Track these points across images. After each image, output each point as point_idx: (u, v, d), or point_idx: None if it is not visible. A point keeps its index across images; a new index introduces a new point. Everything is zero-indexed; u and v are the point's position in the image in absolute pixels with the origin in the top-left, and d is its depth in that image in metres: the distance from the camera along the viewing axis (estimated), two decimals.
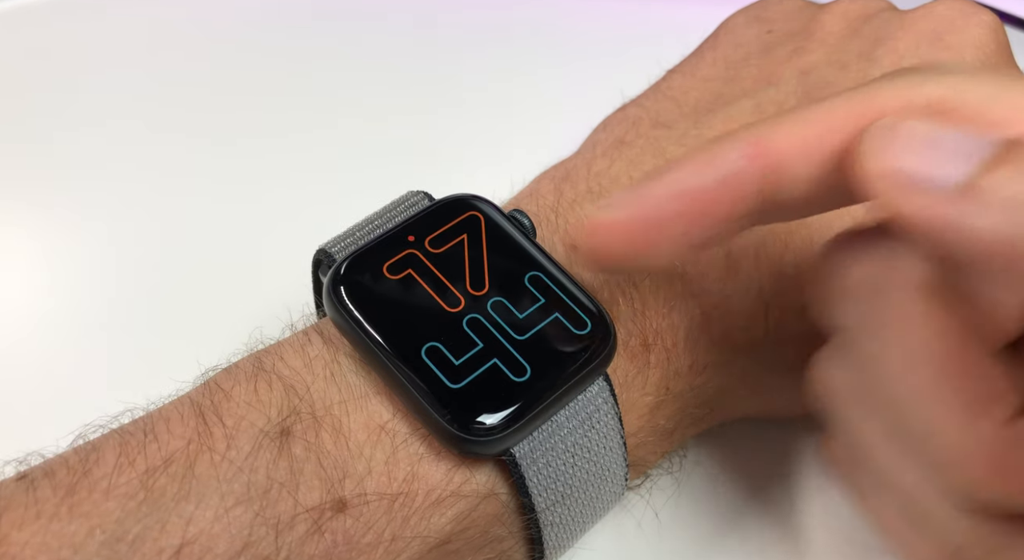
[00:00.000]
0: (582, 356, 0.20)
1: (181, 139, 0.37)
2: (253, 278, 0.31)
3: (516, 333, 0.20)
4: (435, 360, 0.20)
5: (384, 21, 0.43)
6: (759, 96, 0.27)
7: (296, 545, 0.17)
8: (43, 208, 0.34)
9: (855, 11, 0.29)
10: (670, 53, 0.31)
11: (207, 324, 0.30)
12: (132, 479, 0.17)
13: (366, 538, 0.18)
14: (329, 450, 0.19)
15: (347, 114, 0.38)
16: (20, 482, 0.17)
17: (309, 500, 0.18)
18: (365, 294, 0.20)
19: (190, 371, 0.21)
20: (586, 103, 0.30)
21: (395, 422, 0.19)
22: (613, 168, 0.25)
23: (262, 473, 0.18)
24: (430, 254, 0.21)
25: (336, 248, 0.22)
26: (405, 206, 0.23)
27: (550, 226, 0.24)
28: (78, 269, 0.32)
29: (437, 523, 0.19)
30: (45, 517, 0.17)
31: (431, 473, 0.19)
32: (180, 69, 0.40)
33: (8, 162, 0.35)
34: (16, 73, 0.38)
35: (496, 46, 0.42)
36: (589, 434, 0.20)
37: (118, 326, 0.31)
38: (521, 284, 0.21)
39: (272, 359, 0.20)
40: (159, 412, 0.19)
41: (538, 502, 0.20)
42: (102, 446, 0.18)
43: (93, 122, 0.37)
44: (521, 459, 0.19)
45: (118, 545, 0.16)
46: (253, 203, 0.35)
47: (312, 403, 0.19)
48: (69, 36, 0.40)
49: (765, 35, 0.29)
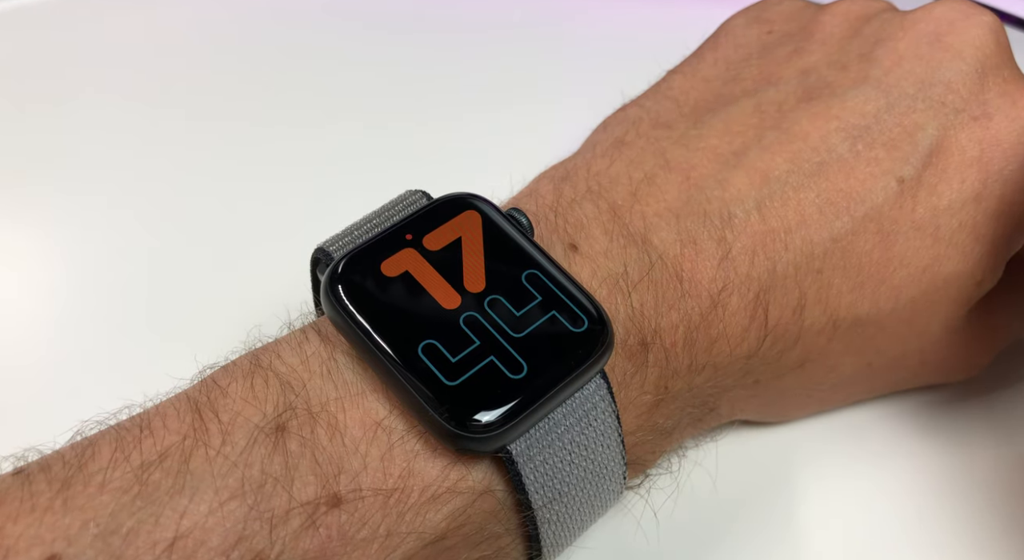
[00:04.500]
0: (579, 353, 0.20)
1: (180, 138, 0.37)
2: (252, 277, 0.31)
3: (513, 331, 0.20)
4: (432, 357, 0.20)
5: (384, 21, 0.43)
6: (759, 96, 0.27)
7: (290, 539, 0.17)
8: (42, 207, 0.34)
9: (855, 12, 0.29)
10: (670, 53, 0.31)
11: (206, 323, 0.30)
12: (127, 473, 0.17)
13: (361, 533, 0.18)
14: (324, 446, 0.19)
15: (346, 113, 0.38)
16: (16, 476, 0.18)
17: (304, 495, 0.18)
18: (362, 292, 0.20)
19: (188, 369, 0.21)
20: (586, 103, 0.30)
21: (391, 419, 0.19)
22: (613, 168, 0.25)
23: (257, 468, 0.18)
24: (428, 252, 0.21)
25: (334, 247, 0.22)
26: (403, 205, 0.23)
27: (549, 225, 0.24)
28: (77, 267, 0.32)
29: (433, 519, 0.19)
30: (40, 510, 0.17)
31: (427, 469, 0.19)
32: (179, 69, 0.40)
33: (8, 162, 0.36)
34: (16, 73, 0.39)
35: (496, 46, 0.42)
36: (586, 431, 0.20)
37: (117, 324, 0.31)
38: (518, 282, 0.21)
39: (269, 356, 0.20)
40: (156, 408, 0.19)
41: (535, 499, 0.20)
42: (98, 441, 0.18)
43: (93, 122, 0.37)
44: (518, 456, 0.19)
45: (112, 538, 0.16)
46: (252, 202, 0.35)
47: (308, 399, 0.19)
48: (69, 36, 0.40)
49: (765, 36, 0.29)
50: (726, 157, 0.25)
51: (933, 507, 0.27)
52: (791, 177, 0.24)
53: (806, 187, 0.24)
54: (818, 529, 0.26)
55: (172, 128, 0.37)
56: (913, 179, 0.25)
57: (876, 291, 0.25)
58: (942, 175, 0.25)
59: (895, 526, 0.26)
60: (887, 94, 0.26)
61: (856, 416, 0.29)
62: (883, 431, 0.29)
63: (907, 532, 0.26)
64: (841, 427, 0.29)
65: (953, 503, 0.27)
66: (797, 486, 0.27)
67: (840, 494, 0.27)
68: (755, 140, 0.25)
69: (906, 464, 0.28)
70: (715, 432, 0.28)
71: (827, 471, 0.28)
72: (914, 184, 0.25)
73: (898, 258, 0.25)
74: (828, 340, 0.25)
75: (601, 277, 0.23)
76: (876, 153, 0.25)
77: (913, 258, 0.25)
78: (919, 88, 0.26)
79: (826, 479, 0.27)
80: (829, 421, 0.29)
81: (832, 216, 0.24)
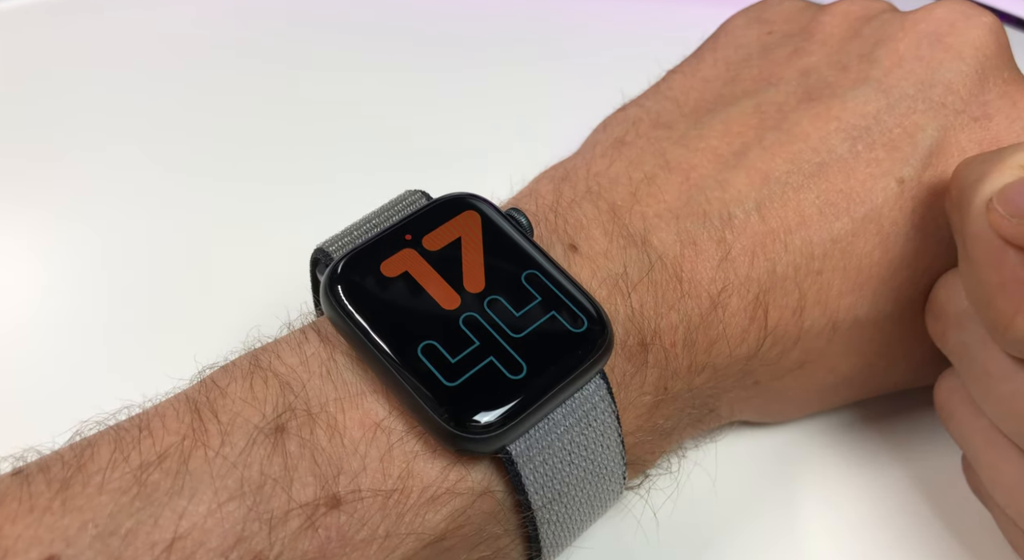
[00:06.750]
0: (578, 354, 0.20)
1: (180, 138, 0.37)
2: (252, 277, 0.31)
3: (512, 331, 0.20)
4: (431, 358, 0.19)
5: (384, 21, 0.43)
6: (759, 97, 0.27)
7: (289, 540, 0.17)
8: (42, 207, 0.34)
9: (855, 12, 0.29)
10: (670, 53, 0.31)
11: (206, 323, 0.30)
12: (126, 474, 0.17)
13: (360, 534, 0.18)
14: (324, 447, 0.19)
15: (346, 114, 0.38)
16: (15, 477, 0.17)
17: (303, 496, 0.18)
18: (362, 293, 0.20)
19: (188, 369, 0.21)
20: (586, 103, 0.30)
21: (391, 420, 0.19)
22: (612, 168, 0.25)
23: (256, 469, 0.18)
24: (427, 253, 0.21)
25: (334, 247, 0.22)
26: (403, 205, 0.23)
27: (549, 226, 0.24)
28: (77, 267, 0.32)
29: (432, 520, 0.19)
30: (38, 511, 0.17)
31: (426, 470, 0.19)
32: (180, 69, 0.40)
33: (8, 161, 0.36)
34: (16, 73, 0.39)
35: (496, 46, 0.42)
36: (586, 432, 0.20)
37: (117, 324, 0.31)
38: (518, 283, 0.21)
39: (268, 357, 0.20)
40: (155, 409, 0.19)
41: (534, 500, 0.20)
42: (97, 442, 0.18)
43: (93, 121, 0.37)
44: (517, 457, 0.19)
45: (111, 539, 0.16)
46: (253, 202, 0.35)
47: (307, 400, 0.19)
48: (69, 36, 0.40)
49: (765, 36, 0.29)
50: (726, 157, 0.25)
51: (933, 507, 0.27)
52: (791, 178, 0.24)
53: (806, 188, 0.24)
54: (817, 529, 0.26)
55: (172, 128, 0.37)
56: (913, 180, 0.25)
57: (876, 292, 0.25)
58: (942, 176, 0.25)
59: (895, 526, 0.26)
60: (887, 95, 0.26)
61: (856, 416, 0.29)
62: (883, 431, 0.29)
63: (907, 532, 0.26)
64: (841, 427, 0.29)
65: (954, 503, 0.27)
66: (796, 486, 0.27)
67: (839, 494, 0.27)
68: (755, 140, 0.25)
69: (906, 464, 0.28)
70: (714, 432, 0.28)
71: (827, 471, 0.28)
72: (914, 185, 0.25)
73: (898, 259, 0.25)
74: (828, 341, 0.25)
75: (601, 278, 0.23)
76: (876, 154, 0.25)
77: (913, 259, 0.25)
78: (919, 89, 0.26)
79: (826, 479, 0.27)
80: (829, 421, 0.29)
81: (832, 217, 0.24)
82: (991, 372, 0.22)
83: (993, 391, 0.22)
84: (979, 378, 0.22)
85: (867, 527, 0.26)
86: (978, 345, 0.22)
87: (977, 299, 0.21)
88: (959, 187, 0.23)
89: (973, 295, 0.22)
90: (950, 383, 0.24)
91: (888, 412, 0.29)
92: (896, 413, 0.29)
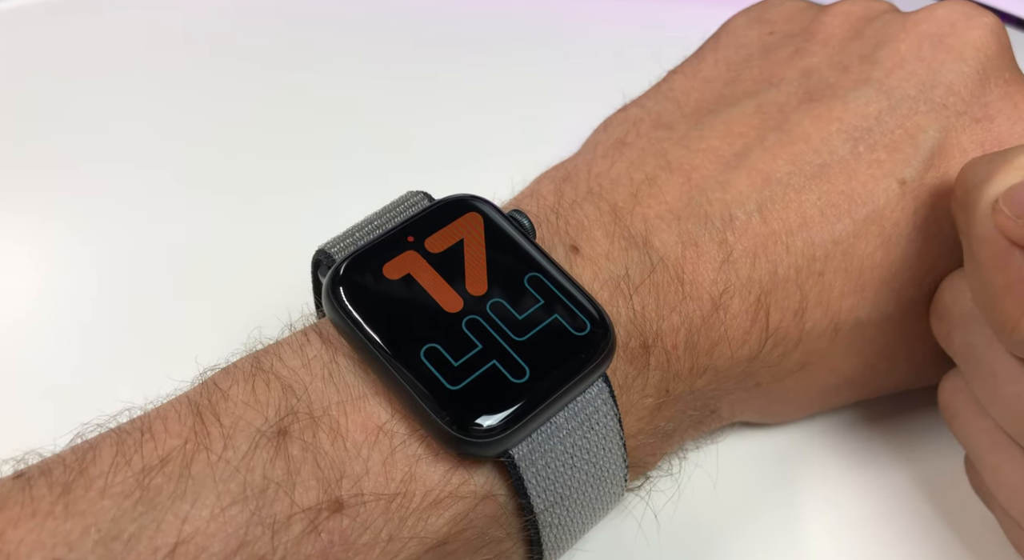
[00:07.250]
0: (581, 357, 0.20)
1: (181, 139, 0.37)
2: (253, 279, 0.31)
3: (515, 334, 0.20)
4: (434, 361, 0.19)
5: (384, 21, 0.43)
6: (760, 97, 0.27)
7: (292, 545, 0.17)
8: (42, 207, 0.34)
9: (857, 13, 0.29)
10: (670, 53, 0.31)
11: (207, 324, 0.30)
12: (128, 478, 0.17)
13: (363, 538, 0.18)
14: (326, 450, 0.18)
15: (347, 114, 0.38)
16: (17, 480, 0.17)
17: (305, 500, 0.18)
18: (364, 295, 0.20)
19: (189, 371, 0.21)
20: (586, 103, 0.30)
21: (393, 423, 0.19)
22: (614, 169, 0.25)
23: (258, 473, 0.18)
24: (429, 255, 0.21)
25: (335, 248, 0.22)
26: (405, 206, 0.23)
27: (550, 227, 0.24)
28: (77, 269, 0.32)
29: (434, 524, 0.19)
30: (40, 515, 0.17)
31: (429, 474, 0.19)
32: (180, 70, 0.40)
33: (8, 161, 0.35)
34: (16, 73, 0.38)
35: (496, 46, 0.42)
36: (588, 435, 0.20)
37: (118, 326, 0.31)
38: (520, 285, 0.21)
39: (270, 359, 0.20)
40: (156, 411, 0.19)
41: (536, 504, 0.20)
42: (99, 445, 0.18)
43: (93, 122, 0.37)
44: (520, 460, 0.19)
45: (113, 544, 0.16)
46: (253, 203, 0.35)
47: (310, 403, 0.19)
48: (69, 36, 0.40)
49: (766, 36, 0.29)
50: (727, 158, 0.25)
51: (935, 507, 0.27)
52: (793, 179, 0.24)
53: (807, 189, 0.24)
54: (819, 530, 0.26)
55: (172, 129, 0.37)
56: (915, 181, 0.25)
57: (878, 293, 0.25)
58: (944, 177, 0.25)
59: (896, 526, 0.26)
60: (889, 96, 0.26)
61: (857, 416, 0.29)
62: (885, 431, 0.29)
63: (909, 532, 0.26)
64: (842, 428, 0.29)
65: (956, 503, 0.27)
66: (797, 487, 0.27)
67: (841, 495, 0.27)
68: (757, 141, 0.25)
69: (908, 464, 0.28)
70: (715, 434, 0.28)
71: (828, 472, 0.28)
72: (916, 186, 0.25)
73: (900, 260, 0.25)
74: (829, 343, 0.25)
75: (603, 279, 0.23)
76: (878, 155, 0.25)
77: (915, 260, 0.25)
78: (921, 90, 0.26)
79: (827, 480, 0.27)
80: (830, 422, 0.29)
81: (834, 218, 0.24)
82: (996, 373, 0.22)
83: (998, 392, 0.22)
84: (984, 379, 0.22)
85: (869, 527, 0.26)
86: (983, 346, 0.22)
87: (983, 300, 0.21)
88: (964, 188, 0.23)
89: (979, 296, 0.22)
90: (954, 384, 0.24)
91: (890, 413, 0.29)
92: (898, 414, 0.29)
